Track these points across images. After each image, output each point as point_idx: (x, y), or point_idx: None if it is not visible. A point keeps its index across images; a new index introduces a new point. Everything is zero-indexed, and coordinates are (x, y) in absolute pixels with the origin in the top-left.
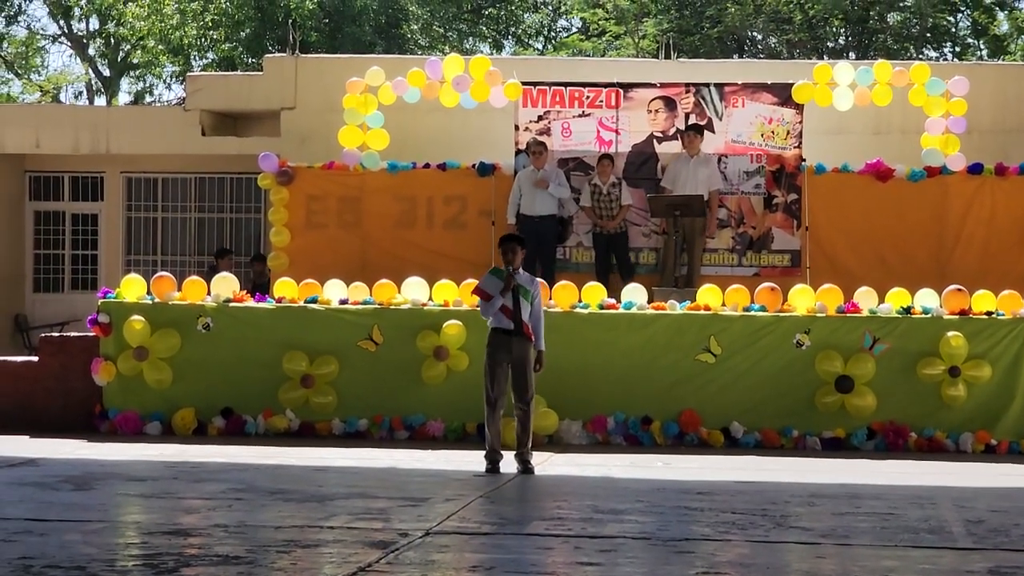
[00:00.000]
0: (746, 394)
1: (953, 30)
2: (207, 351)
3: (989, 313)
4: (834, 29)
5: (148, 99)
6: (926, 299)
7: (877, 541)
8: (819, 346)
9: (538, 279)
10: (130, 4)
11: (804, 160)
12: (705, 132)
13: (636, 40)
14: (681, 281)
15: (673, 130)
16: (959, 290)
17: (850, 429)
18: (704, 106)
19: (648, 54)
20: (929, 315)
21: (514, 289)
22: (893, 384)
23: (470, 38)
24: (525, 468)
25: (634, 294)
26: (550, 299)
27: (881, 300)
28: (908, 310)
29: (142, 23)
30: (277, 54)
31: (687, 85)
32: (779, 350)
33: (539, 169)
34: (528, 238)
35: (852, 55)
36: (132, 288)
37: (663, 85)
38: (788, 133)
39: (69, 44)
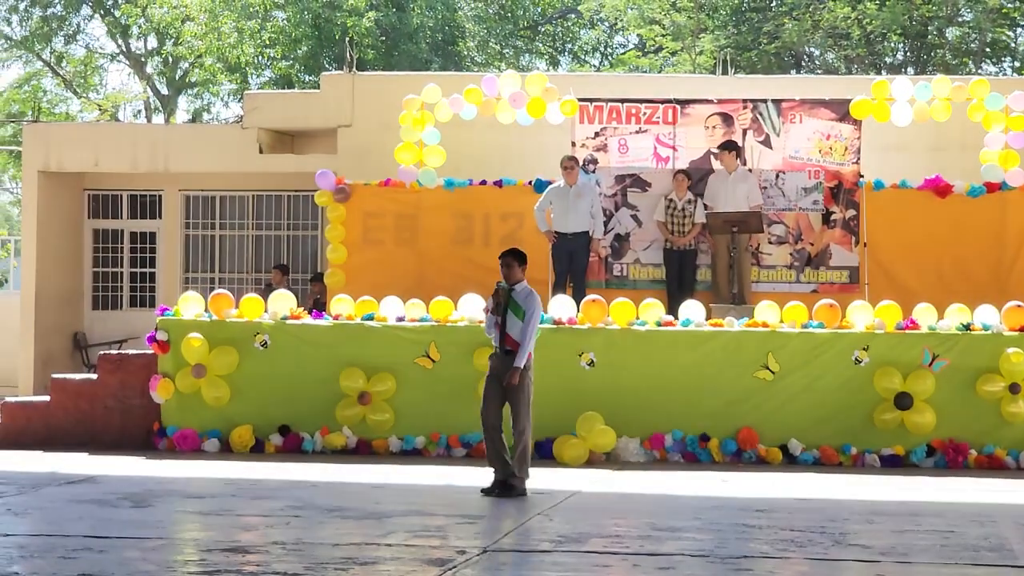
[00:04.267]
0: (804, 411)
1: (1012, 45)
2: (264, 368)
3: None
4: (892, 44)
5: (206, 117)
6: (986, 315)
7: (937, 559)
8: (878, 363)
9: (537, 295)
10: (188, 23)
11: (862, 176)
12: (758, 147)
13: (693, 56)
14: (736, 298)
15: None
16: (1019, 306)
17: (909, 446)
18: (761, 122)
19: (705, 70)
20: (989, 331)
21: (506, 305)
22: (953, 401)
23: (526, 55)
24: (498, 488)
25: (692, 311)
26: (607, 317)
27: (940, 316)
28: (967, 327)
29: (200, 42)
30: (334, 72)
31: (744, 101)
32: (838, 367)
33: (571, 184)
34: (560, 255)
35: (910, 70)
36: (190, 306)
37: (720, 101)
38: (846, 149)
39: (127, 63)
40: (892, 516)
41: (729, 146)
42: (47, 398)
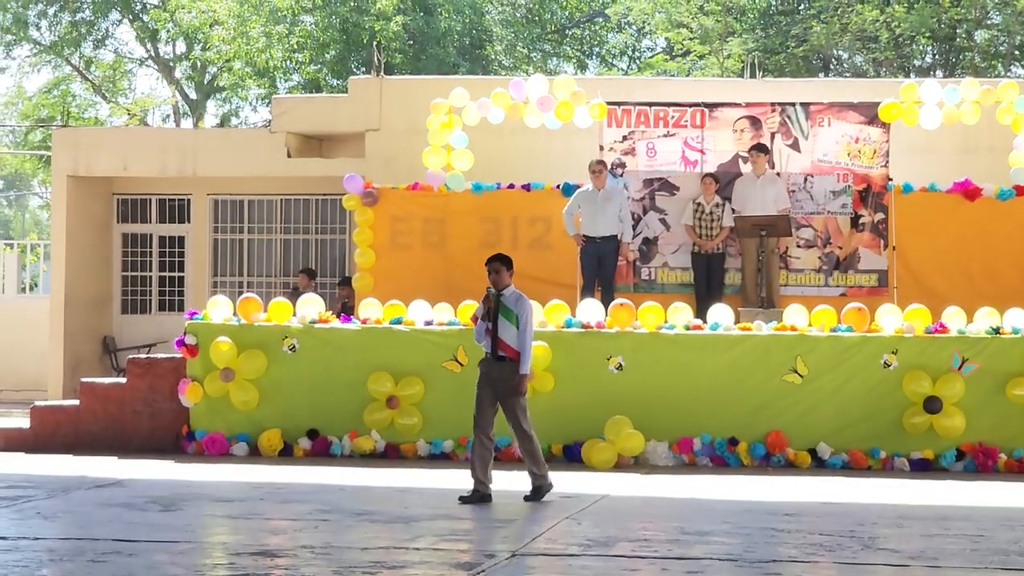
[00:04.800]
0: (833, 415)
1: None
2: (293, 372)
3: None
4: (921, 47)
5: (234, 121)
6: (1015, 319)
7: (967, 563)
8: (907, 366)
9: (527, 299)
10: (216, 27)
11: (891, 179)
12: (786, 150)
13: (721, 60)
14: (764, 302)
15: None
16: None
17: (939, 450)
18: (790, 125)
19: (733, 73)
20: (1018, 335)
21: (496, 310)
22: (982, 405)
23: (554, 58)
24: (530, 493)
25: (720, 315)
26: (635, 321)
27: (969, 320)
28: (997, 330)
29: (228, 46)
30: (362, 76)
31: (773, 104)
32: (866, 370)
33: (599, 188)
34: (589, 259)
35: (939, 73)
36: (218, 309)
37: (748, 104)
38: (875, 152)
39: (156, 67)
40: (921, 520)
41: (760, 148)
42: (76, 402)
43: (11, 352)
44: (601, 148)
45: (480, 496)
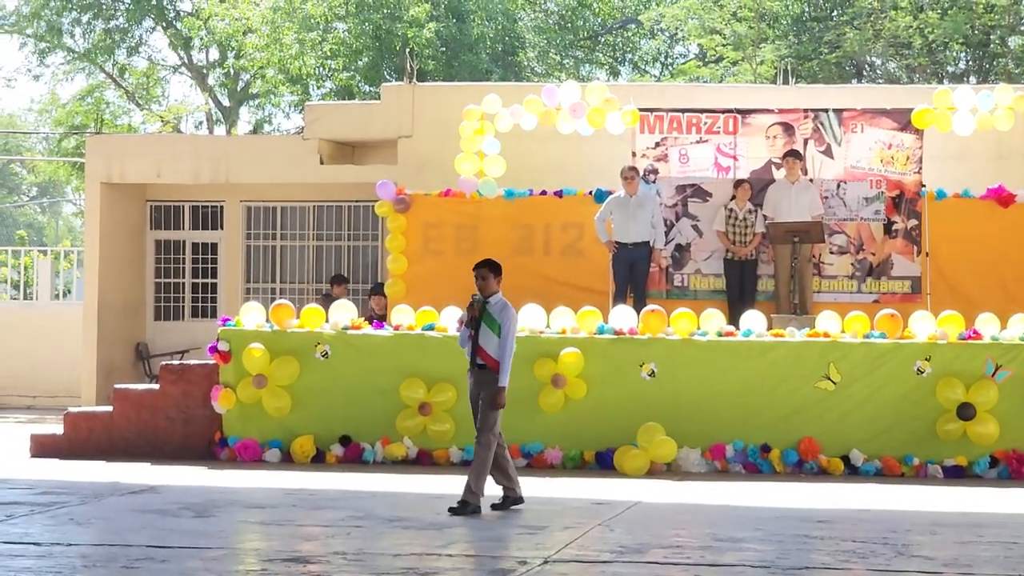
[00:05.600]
0: (866, 421)
1: None
2: (325, 379)
3: None
4: (954, 53)
5: (267, 128)
6: None
7: (1000, 571)
8: (940, 373)
9: (512, 308)
10: (249, 35)
11: (924, 186)
12: (819, 157)
13: (754, 66)
14: (798, 309)
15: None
16: None
17: (972, 457)
18: (823, 132)
19: (766, 80)
20: None
21: (480, 318)
22: (1016, 411)
23: (587, 65)
24: (457, 505)
25: (753, 321)
26: (668, 327)
27: (1003, 326)
28: None
29: (261, 54)
30: (394, 83)
31: (805, 111)
32: (900, 377)
33: (632, 194)
34: (621, 265)
35: (972, 79)
36: (251, 316)
37: (781, 111)
38: (908, 159)
39: (189, 75)
40: (955, 527)
41: (794, 154)
42: (110, 408)
43: (45, 359)
44: (634, 154)
45: (513, 500)
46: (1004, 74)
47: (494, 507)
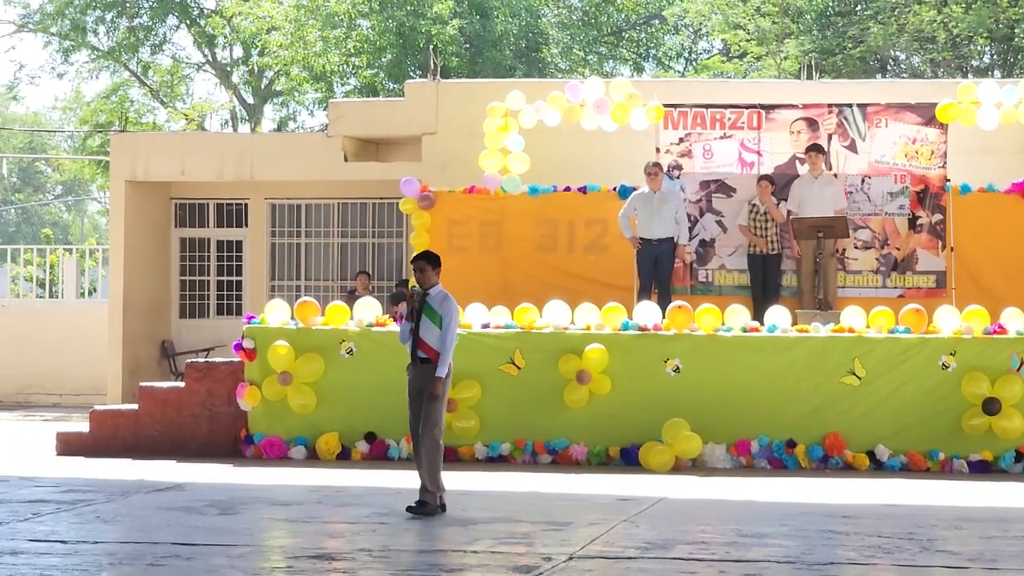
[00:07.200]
0: (891, 417)
1: None
2: (350, 376)
3: None
4: (978, 47)
5: (291, 126)
6: None
7: None
8: (965, 368)
9: (453, 300)
10: (273, 33)
11: (949, 180)
12: (843, 152)
13: (778, 61)
14: (822, 304)
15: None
16: None
17: (997, 452)
18: (847, 127)
19: (790, 75)
20: None
21: (420, 311)
22: None
23: (610, 61)
24: (415, 505)
25: (777, 317)
26: (693, 323)
27: None
28: None
29: (285, 51)
30: (418, 80)
31: (830, 106)
32: (924, 372)
33: (655, 190)
34: (645, 261)
35: (997, 73)
36: (276, 313)
37: (805, 106)
38: (932, 153)
39: (213, 73)
40: (980, 522)
41: (817, 148)
42: (135, 406)
43: (70, 357)
44: (657, 150)
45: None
46: None
47: (408, 509)
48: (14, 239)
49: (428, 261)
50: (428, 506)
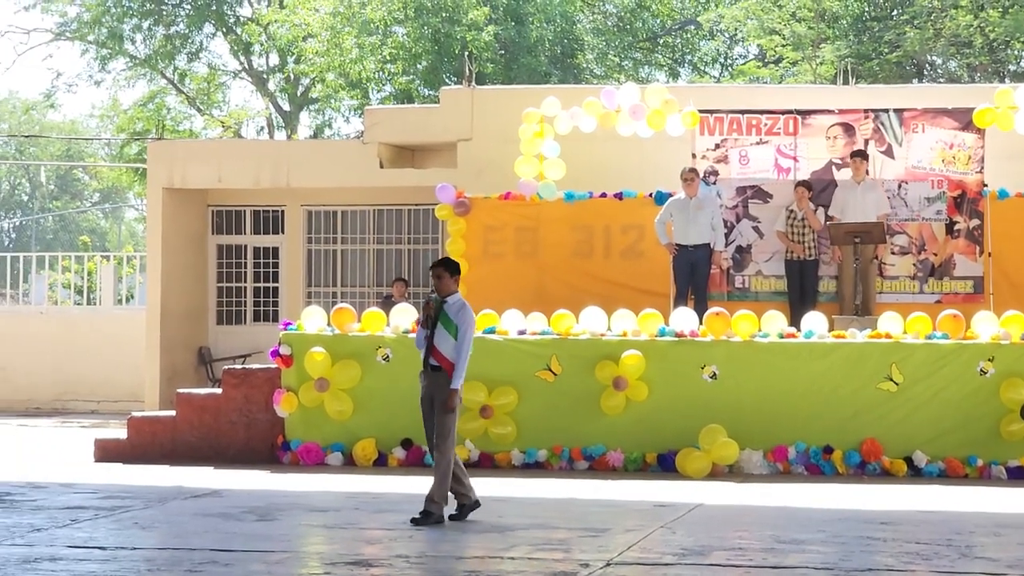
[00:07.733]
0: (929, 422)
1: None
2: (387, 382)
3: None
4: (1016, 52)
5: (327, 133)
6: None
7: None
8: (1004, 374)
9: (470, 309)
10: (309, 40)
11: (986, 185)
12: (880, 157)
13: (814, 66)
14: (860, 309)
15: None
16: None
17: None
18: (883, 132)
19: (826, 80)
20: None
21: (436, 319)
22: None
23: (646, 67)
24: (419, 516)
25: (815, 322)
26: (729, 329)
27: None
28: None
29: (321, 58)
30: (454, 86)
31: (866, 111)
32: (962, 378)
33: (692, 196)
34: (682, 267)
35: None
36: (313, 320)
37: (842, 111)
38: (969, 158)
39: (250, 80)
40: (1019, 529)
41: (861, 154)
42: (172, 413)
43: (108, 363)
44: (693, 156)
45: (470, 507)
46: None
47: (451, 518)
48: (52, 246)
49: (446, 268)
50: (432, 516)
